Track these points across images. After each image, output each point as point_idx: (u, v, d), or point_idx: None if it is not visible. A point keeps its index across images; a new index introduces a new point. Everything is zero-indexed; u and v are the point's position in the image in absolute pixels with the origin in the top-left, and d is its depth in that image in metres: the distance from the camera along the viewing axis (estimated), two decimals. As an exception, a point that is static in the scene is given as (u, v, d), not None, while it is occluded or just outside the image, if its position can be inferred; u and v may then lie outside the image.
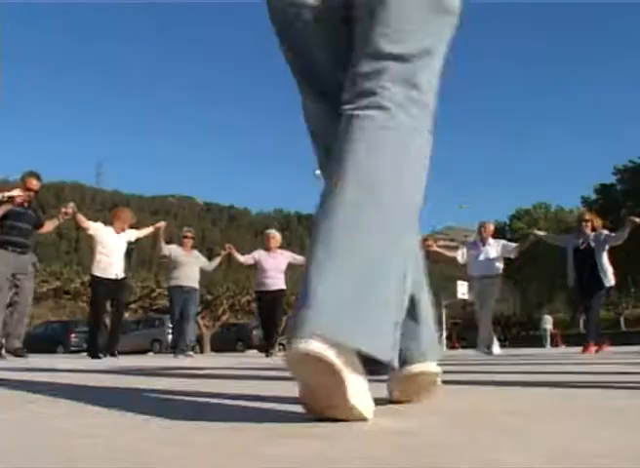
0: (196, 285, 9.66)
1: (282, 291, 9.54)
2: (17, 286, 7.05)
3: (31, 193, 7.31)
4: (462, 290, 31.58)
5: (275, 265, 9.47)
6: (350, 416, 1.05)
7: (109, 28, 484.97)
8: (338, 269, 1.09)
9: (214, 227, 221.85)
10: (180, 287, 9.42)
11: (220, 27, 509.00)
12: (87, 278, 31.61)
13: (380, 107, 1.26)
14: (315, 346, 0.99)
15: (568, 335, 33.08)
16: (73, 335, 26.55)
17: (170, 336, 9.25)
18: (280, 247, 9.85)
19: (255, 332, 33.63)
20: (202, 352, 29.37)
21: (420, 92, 1.30)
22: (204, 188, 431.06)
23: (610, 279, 8.33)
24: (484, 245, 8.90)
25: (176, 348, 9.50)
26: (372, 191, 1.17)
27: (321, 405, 1.06)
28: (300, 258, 9.97)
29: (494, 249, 8.86)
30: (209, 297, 33.66)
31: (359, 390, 1.04)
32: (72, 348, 25.50)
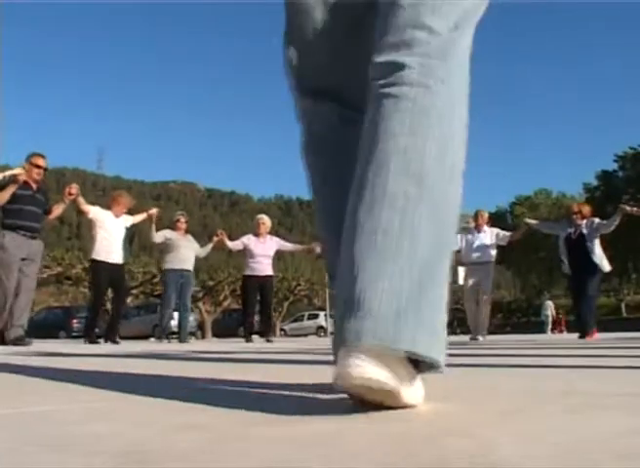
0: (191, 267, 9.65)
1: (270, 277, 9.61)
2: (20, 270, 6.97)
3: (41, 170, 7.25)
4: (463, 275, 31.49)
5: (264, 251, 9.53)
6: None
7: (110, 14, 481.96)
8: (389, 274, 0.98)
9: (215, 213, 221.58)
10: (175, 270, 9.40)
11: (219, 14, 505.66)
12: (88, 264, 31.63)
13: (416, 84, 1.12)
14: (373, 371, 0.92)
15: (568, 321, 33.07)
16: (75, 321, 26.63)
17: (166, 321, 9.24)
18: (270, 233, 9.86)
19: (256, 318, 33.73)
20: (204, 337, 29.46)
21: (456, 64, 1.17)
22: (205, 174, 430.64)
23: (604, 265, 8.40)
24: (479, 232, 9.04)
25: (161, 333, 9.66)
26: (420, 182, 1.04)
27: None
28: (288, 245, 10.08)
29: (488, 236, 9.01)
30: (210, 283, 33.70)
31: (414, 394, 1.01)
32: (74, 333, 25.59)
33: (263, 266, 9.47)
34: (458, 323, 54.44)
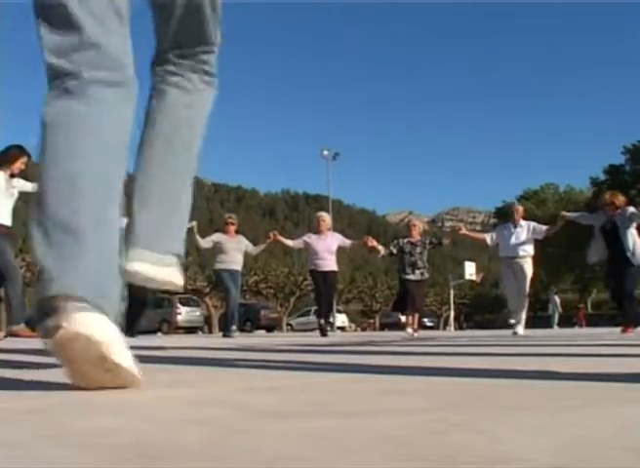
0: (240, 268, 10.02)
1: (334, 272, 9.78)
2: None
3: None
4: (470, 270, 31.47)
5: (326, 247, 9.67)
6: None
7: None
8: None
9: (222, 208, 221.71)
10: (227, 270, 9.80)
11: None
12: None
13: (182, 88, 1.75)
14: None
15: (587, 315, 32.96)
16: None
17: (231, 314, 9.64)
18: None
19: (263, 312, 33.83)
20: (210, 332, 29.52)
21: (210, 76, 1.79)
22: (212, 169, 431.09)
23: (636, 257, 8.21)
24: (515, 227, 8.95)
25: (226, 329, 9.87)
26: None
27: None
28: (348, 242, 10.25)
29: (524, 231, 8.93)
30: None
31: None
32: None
33: (327, 262, 9.65)
34: (464, 317, 54.35)
